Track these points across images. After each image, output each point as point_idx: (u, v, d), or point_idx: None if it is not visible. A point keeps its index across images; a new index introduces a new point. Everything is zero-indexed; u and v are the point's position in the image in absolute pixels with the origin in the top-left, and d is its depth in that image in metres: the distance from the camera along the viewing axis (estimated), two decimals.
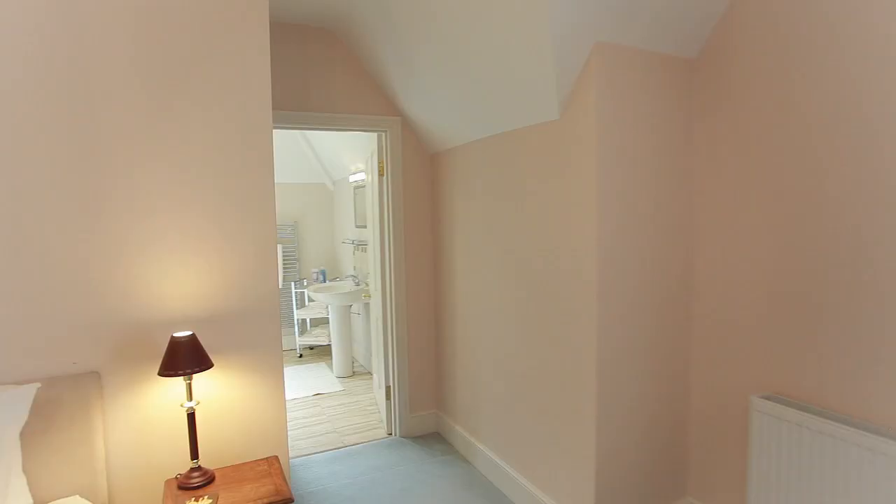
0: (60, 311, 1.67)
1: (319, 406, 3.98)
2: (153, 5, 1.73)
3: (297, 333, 5.38)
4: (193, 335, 1.67)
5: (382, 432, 3.48)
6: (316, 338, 5.31)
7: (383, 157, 3.29)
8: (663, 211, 2.06)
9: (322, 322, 5.82)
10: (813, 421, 1.59)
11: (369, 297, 4.08)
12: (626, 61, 1.94)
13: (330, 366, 4.93)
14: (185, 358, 1.63)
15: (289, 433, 3.45)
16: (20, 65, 1.57)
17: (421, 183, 3.35)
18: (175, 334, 1.65)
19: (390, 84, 3.02)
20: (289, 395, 4.21)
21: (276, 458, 1.86)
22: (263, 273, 1.94)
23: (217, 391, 1.89)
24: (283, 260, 5.41)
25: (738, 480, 1.99)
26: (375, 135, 3.31)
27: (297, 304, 5.38)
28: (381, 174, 3.32)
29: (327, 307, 4.92)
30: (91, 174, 1.69)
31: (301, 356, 5.35)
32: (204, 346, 1.82)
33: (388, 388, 3.43)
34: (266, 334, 1.95)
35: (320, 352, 5.44)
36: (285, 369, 4.99)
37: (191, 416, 1.68)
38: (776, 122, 1.79)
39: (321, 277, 5.37)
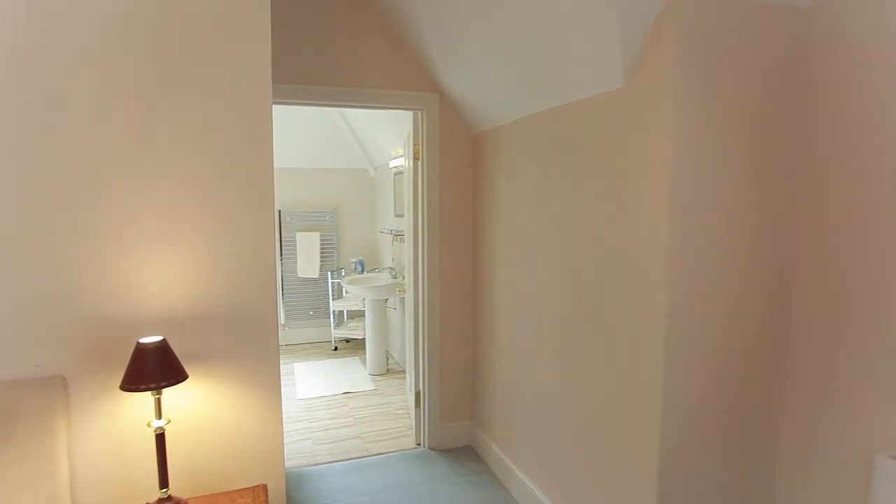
0: (21, 304, 1.44)
1: (347, 406, 3.73)
2: None
3: (332, 325, 5.17)
4: (164, 341, 1.39)
5: (410, 441, 3.18)
6: (352, 330, 5.08)
7: (419, 139, 2.94)
8: (761, 202, 1.60)
9: (359, 314, 5.60)
10: None
11: (404, 291, 3.78)
12: (714, 13, 1.49)
13: (364, 361, 4.69)
14: (154, 369, 1.36)
15: (310, 436, 3.21)
16: None
17: (460, 167, 2.99)
18: (142, 340, 1.38)
19: (428, 55, 2.67)
20: (317, 392, 3.99)
21: (264, 487, 1.57)
22: (258, 268, 1.65)
23: (198, 406, 1.62)
24: (321, 248, 5.20)
25: None
26: (412, 114, 2.98)
27: (333, 295, 5.16)
28: (416, 158, 2.98)
29: (364, 299, 4.67)
30: (56, 150, 1.44)
31: (336, 349, 5.14)
32: (186, 352, 1.55)
33: (417, 395, 3.11)
34: (260, 339, 1.66)
35: (356, 345, 5.22)
36: (318, 363, 4.82)
37: (160, 438, 1.41)
38: None
39: (359, 268, 5.13)
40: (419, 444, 3.12)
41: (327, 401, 3.83)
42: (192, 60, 1.54)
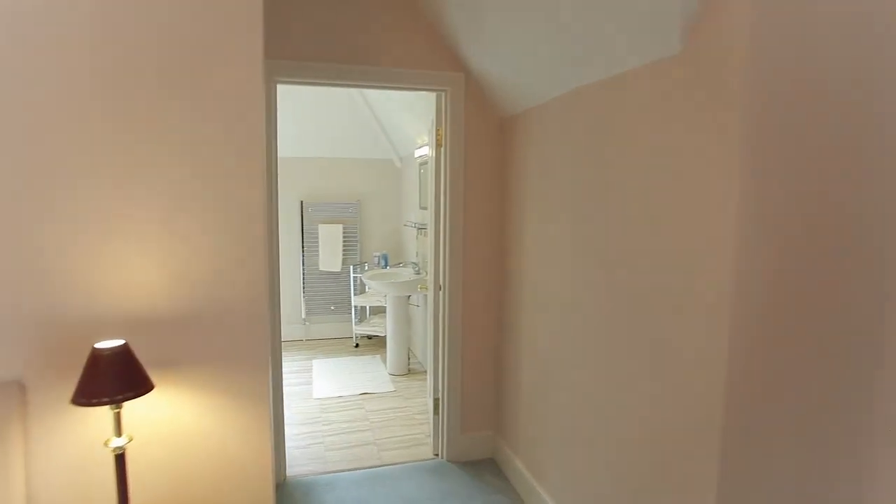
0: None
1: (363, 409, 3.52)
2: None
3: (353, 321, 4.98)
4: (125, 346, 1.19)
5: (428, 451, 2.94)
6: (374, 327, 4.88)
7: (442, 123, 2.69)
8: (856, 196, 1.28)
9: (382, 310, 5.40)
10: None
11: (426, 289, 3.54)
12: None
13: (386, 360, 4.48)
14: (111, 378, 1.16)
15: (323, 440, 3.02)
16: None
17: (487, 155, 2.72)
18: (98, 345, 1.18)
19: (452, 28, 2.40)
20: (333, 392, 3.80)
21: None
22: (245, 266, 1.43)
23: (174, 421, 1.41)
24: (344, 241, 5.02)
25: None
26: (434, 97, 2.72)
27: (355, 290, 4.98)
28: (438, 145, 2.73)
29: (385, 296, 4.46)
30: (17, 133, 1.25)
31: (357, 346, 4.96)
32: (159, 359, 1.35)
33: (436, 401, 2.88)
34: (246, 344, 1.44)
35: (378, 343, 5.02)
36: (338, 360, 4.64)
37: (119, 459, 1.21)
38: None
39: (382, 262, 4.92)
40: (437, 455, 2.89)
41: (343, 402, 3.63)
42: (175, 43, 1.33)
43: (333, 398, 3.68)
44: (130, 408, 1.33)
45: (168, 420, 1.41)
